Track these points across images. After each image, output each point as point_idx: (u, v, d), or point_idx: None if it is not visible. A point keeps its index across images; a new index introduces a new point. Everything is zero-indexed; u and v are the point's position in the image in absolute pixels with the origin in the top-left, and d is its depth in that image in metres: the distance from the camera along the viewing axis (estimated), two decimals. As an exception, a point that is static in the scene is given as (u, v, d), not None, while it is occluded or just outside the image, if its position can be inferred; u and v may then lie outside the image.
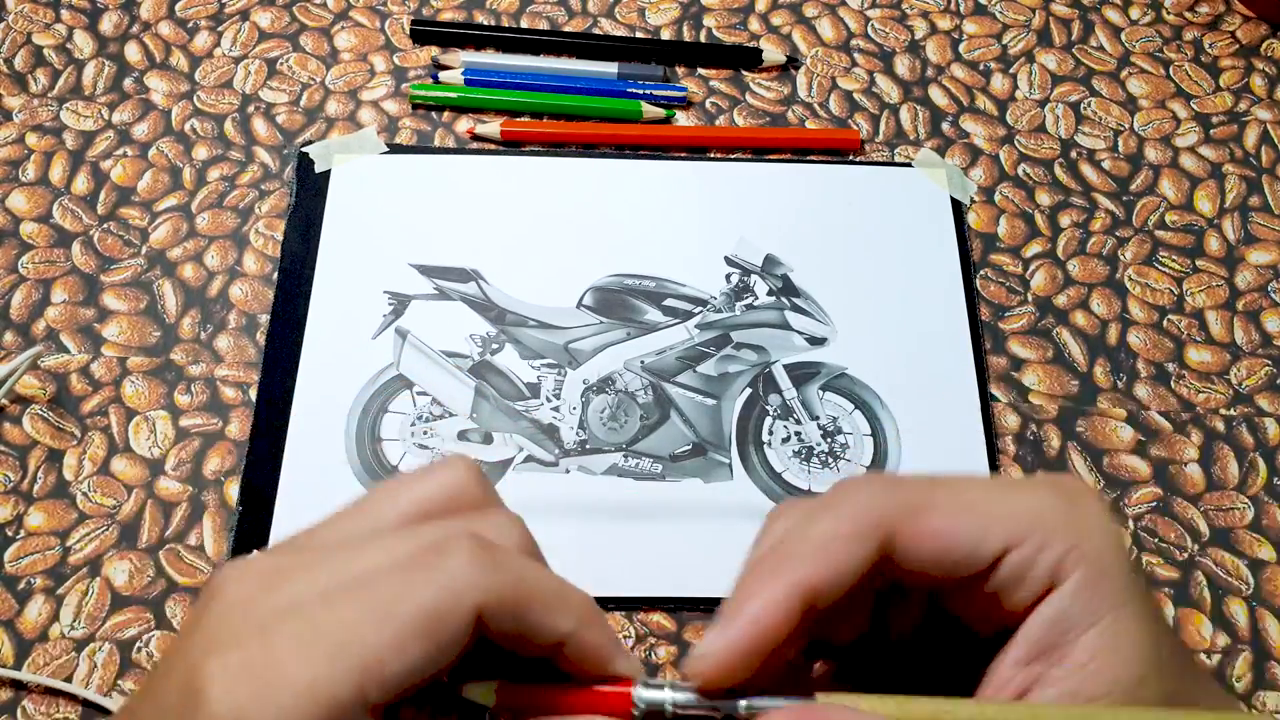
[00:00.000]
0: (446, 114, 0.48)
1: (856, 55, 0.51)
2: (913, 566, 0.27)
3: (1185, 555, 0.41)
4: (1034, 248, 0.47)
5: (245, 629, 0.25)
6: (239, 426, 0.41)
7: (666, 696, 0.25)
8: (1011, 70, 0.51)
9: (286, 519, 0.39)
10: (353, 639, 0.24)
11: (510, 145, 0.48)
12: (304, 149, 0.47)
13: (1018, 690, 0.27)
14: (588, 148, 0.48)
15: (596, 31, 0.50)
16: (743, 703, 0.25)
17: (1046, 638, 0.27)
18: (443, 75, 0.49)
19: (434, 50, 0.50)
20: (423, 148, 0.47)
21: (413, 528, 0.27)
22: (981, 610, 0.28)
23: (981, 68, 0.51)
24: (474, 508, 0.29)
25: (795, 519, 0.28)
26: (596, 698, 0.26)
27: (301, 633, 0.25)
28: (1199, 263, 0.46)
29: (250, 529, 0.39)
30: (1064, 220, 0.47)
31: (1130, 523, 0.41)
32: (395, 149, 0.47)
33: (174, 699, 0.25)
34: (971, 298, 0.45)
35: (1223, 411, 0.43)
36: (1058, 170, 0.48)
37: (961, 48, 0.51)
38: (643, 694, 0.25)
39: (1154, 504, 0.42)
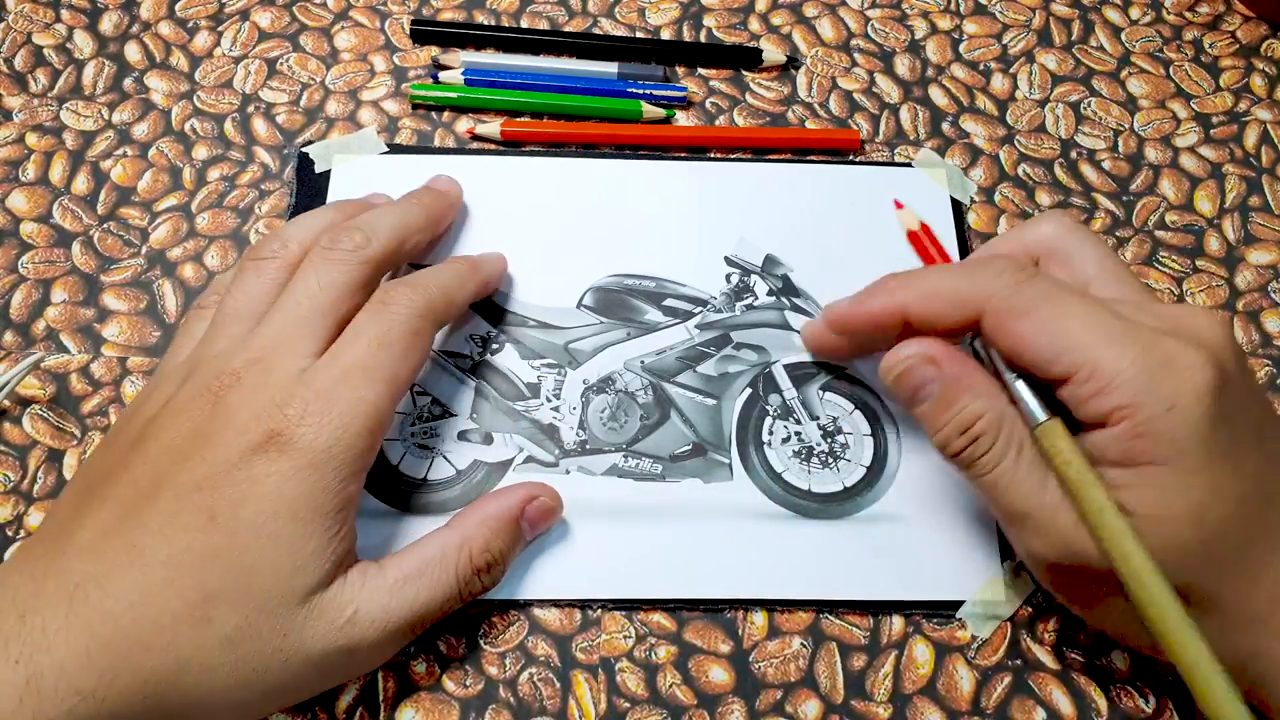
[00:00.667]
0: (446, 114, 0.48)
1: (856, 55, 0.51)
2: (991, 345, 0.34)
3: (1185, 555, 0.41)
4: (1034, 248, 0.47)
5: (295, 382, 0.35)
6: (239, 426, 0.41)
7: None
8: (1011, 70, 0.51)
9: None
10: (375, 365, 0.35)
11: (510, 145, 0.48)
12: (304, 149, 0.47)
13: None
14: (588, 148, 0.48)
15: (596, 31, 0.51)
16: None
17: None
18: (443, 75, 0.49)
19: (434, 50, 0.50)
20: (423, 148, 0.47)
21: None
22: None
23: (981, 68, 0.51)
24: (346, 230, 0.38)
25: (933, 271, 0.37)
26: None
27: (345, 374, 0.35)
28: (1199, 263, 0.46)
29: (250, 529, 0.39)
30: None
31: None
32: (395, 149, 0.47)
33: (246, 441, 0.33)
34: (971, 298, 0.45)
35: (1223, 411, 0.43)
36: (1058, 170, 0.48)
37: (961, 48, 0.51)
38: None
39: (1154, 504, 0.42)
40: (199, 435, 0.33)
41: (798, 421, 0.42)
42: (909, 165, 0.48)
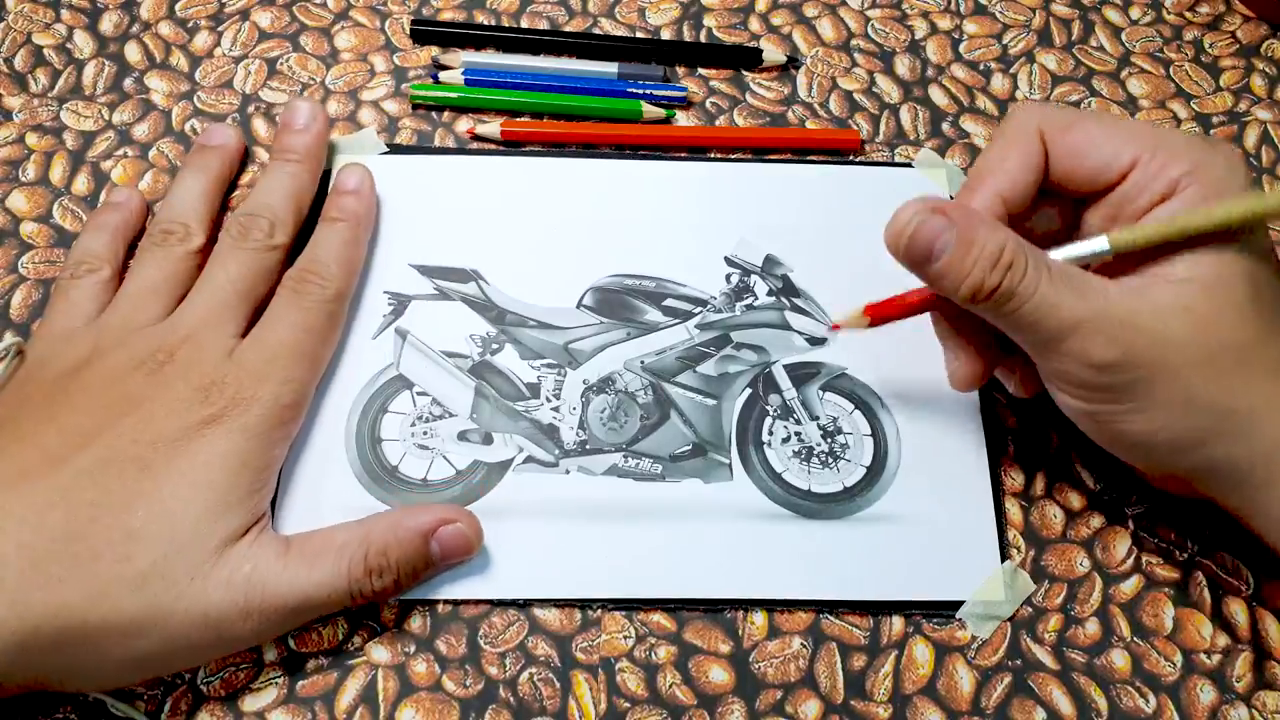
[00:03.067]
0: (446, 114, 0.48)
1: (856, 55, 0.51)
2: (1059, 170, 0.35)
3: (1185, 555, 0.41)
4: (1034, 248, 0.47)
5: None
6: (239, 426, 0.41)
7: None
8: (1012, 70, 0.51)
9: (286, 519, 0.39)
10: (311, 349, 0.40)
11: (510, 145, 0.48)
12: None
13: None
14: (588, 148, 0.48)
15: (596, 31, 0.50)
16: None
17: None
18: (443, 75, 0.49)
19: (434, 50, 0.50)
20: (423, 148, 0.47)
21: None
22: (1111, 218, 0.35)
23: (981, 68, 0.51)
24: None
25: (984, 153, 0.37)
26: None
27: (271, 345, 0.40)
28: (1199, 263, 0.46)
29: (250, 529, 0.39)
30: None
31: (1131, 523, 0.41)
32: (395, 149, 0.47)
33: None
34: (971, 298, 0.45)
35: (1223, 411, 0.43)
36: (1058, 170, 0.48)
37: (962, 48, 0.51)
38: None
39: (1154, 504, 0.42)
40: (134, 399, 0.36)
41: (798, 421, 0.42)
42: (909, 165, 0.48)
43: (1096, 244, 0.34)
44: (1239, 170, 0.34)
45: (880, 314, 0.39)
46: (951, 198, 0.46)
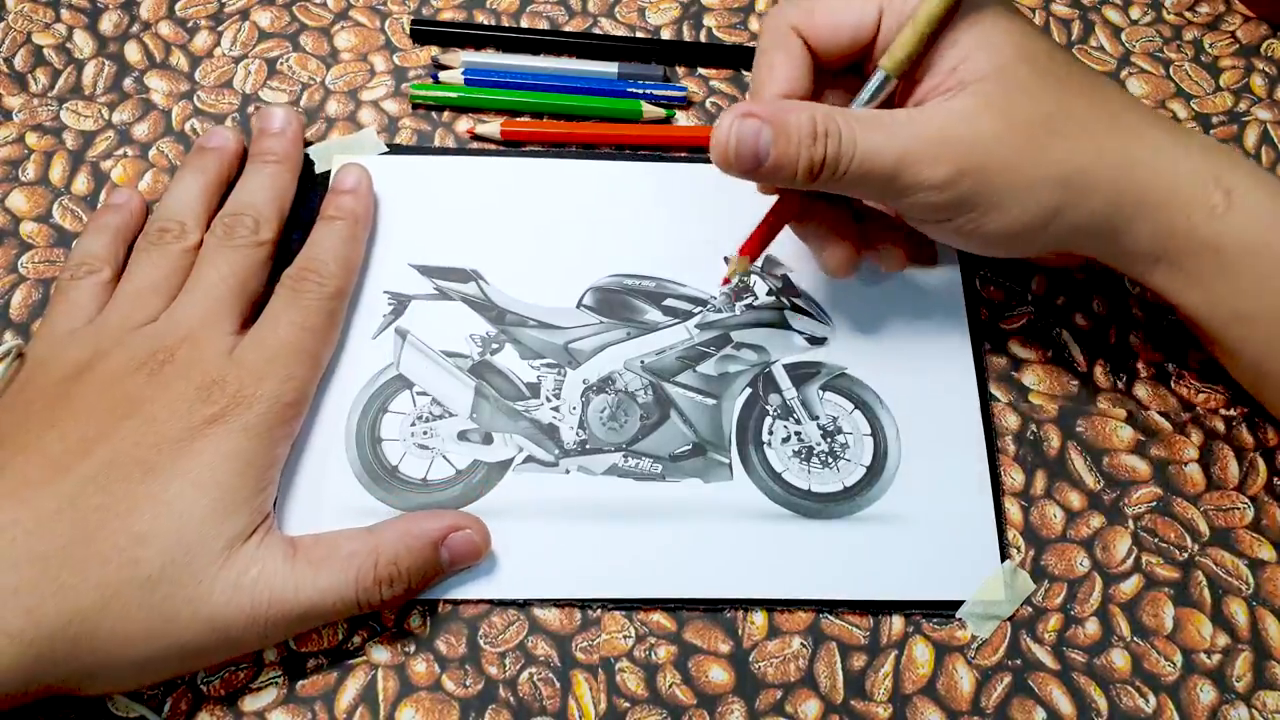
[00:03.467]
0: (446, 114, 0.48)
1: (856, 55, 0.51)
2: (823, 51, 0.38)
3: (1185, 555, 0.41)
4: (1034, 248, 0.47)
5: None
6: (239, 426, 0.41)
7: None
8: (1011, 70, 0.51)
9: (286, 520, 0.39)
10: (307, 347, 0.40)
11: (510, 145, 0.48)
12: (304, 149, 0.47)
13: (916, 102, 0.37)
14: (588, 148, 0.48)
15: (596, 31, 0.50)
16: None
17: (922, 56, 0.36)
18: (443, 75, 0.49)
19: (434, 50, 0.50)
20: (423, 148, 0.47)
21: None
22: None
23: (981, 68, 0.51)
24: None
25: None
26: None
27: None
28: (1199, 263, 0.46)
29: (250, 529, 0.39)
30: None
31: (1131, 522, 0.41)
32: (395, 149, 0.47)
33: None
34: (971, 298, 0.45)
35: (1222, 411, 0.43)
36: (1058, 170, 0.48)
37: (961, 48, 0.51)
38: None
39: (1154, 504, 0.42)
40: (135, 401, 0.36)
41: (798, 421, 0.42)
42: (909, 165, 0.48)
43: (876, 79, 0.36)
44: None
45: (753, 247, 0.39)
46: None
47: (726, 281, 0.40)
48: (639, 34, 0.51)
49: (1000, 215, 0.36)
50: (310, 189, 0.46)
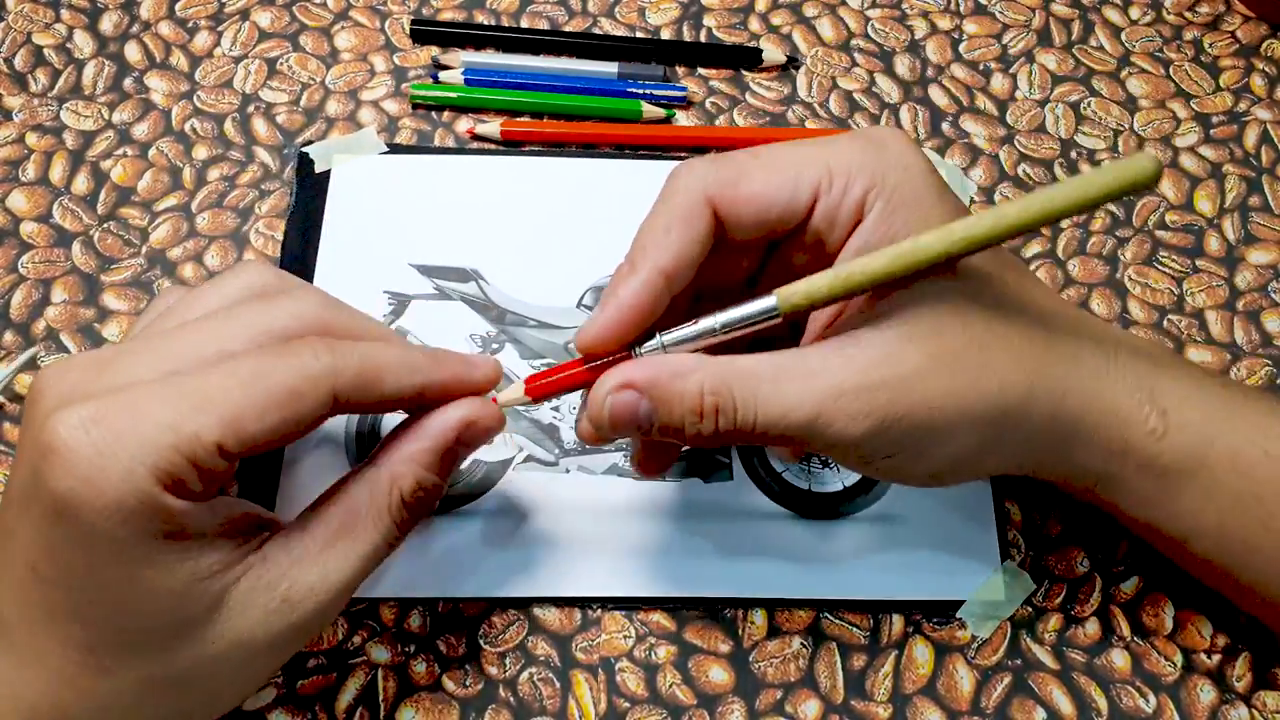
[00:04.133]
0: (446, 114, 0.48)
1: (856, 55, 0.51)
2: (740, 230, 0.32)
3: (1185, 555, 0.41)
4: (1034, 247, 0.47)
5: (92, 391, 0.28)
6: (239, 426, 0.41)
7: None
8: (1011, 70, 0.51)
9: (286, 520, 0.39)
10: (217, 397, 0.28)
11: (510, 145, 0.48)
12: (304, 149, 0.47)
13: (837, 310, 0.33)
14: (588, 148, 0.48)
15: (596, 31, 0.50)
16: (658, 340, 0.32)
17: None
18: (443, 75, 0.49)
19: (434, 50, 0.50)
20: (423, 148, 0.47)
21: (241, 317, 0.30)
22: (812, 259, 0.33)
23: (981, 68, 0.51)
24: (278, 293, 0.32)
25: (651, 209, 0.33)
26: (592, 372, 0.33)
27: (163, 389, 0.28)
28: (1199, 263, 0.46)
29: (250, 529, 0.39)
30: (1064, 220, 0.47)
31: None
32: (395, 149, 0.47)
33: (25, 472, 0.28)
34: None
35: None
36: (1058, 170, 0.48)
37: (961, 48, 0.51)
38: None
39: (1154, 504, 0.42)
40: None
41: (798, 421, 0.42)
42: (909, 165, 0.48)
43: (764, 304, 0.31)
44: (914, 166, 0.32)
45: (541, 391, 0.33)
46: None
47: (494, 401, 0.33)
48: (639, 34, 0.51)
49: (924, 461, 0.32)
50: (311, 189, 0.46)
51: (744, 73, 0.50)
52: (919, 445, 0.31)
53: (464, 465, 0.41)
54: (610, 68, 0.49)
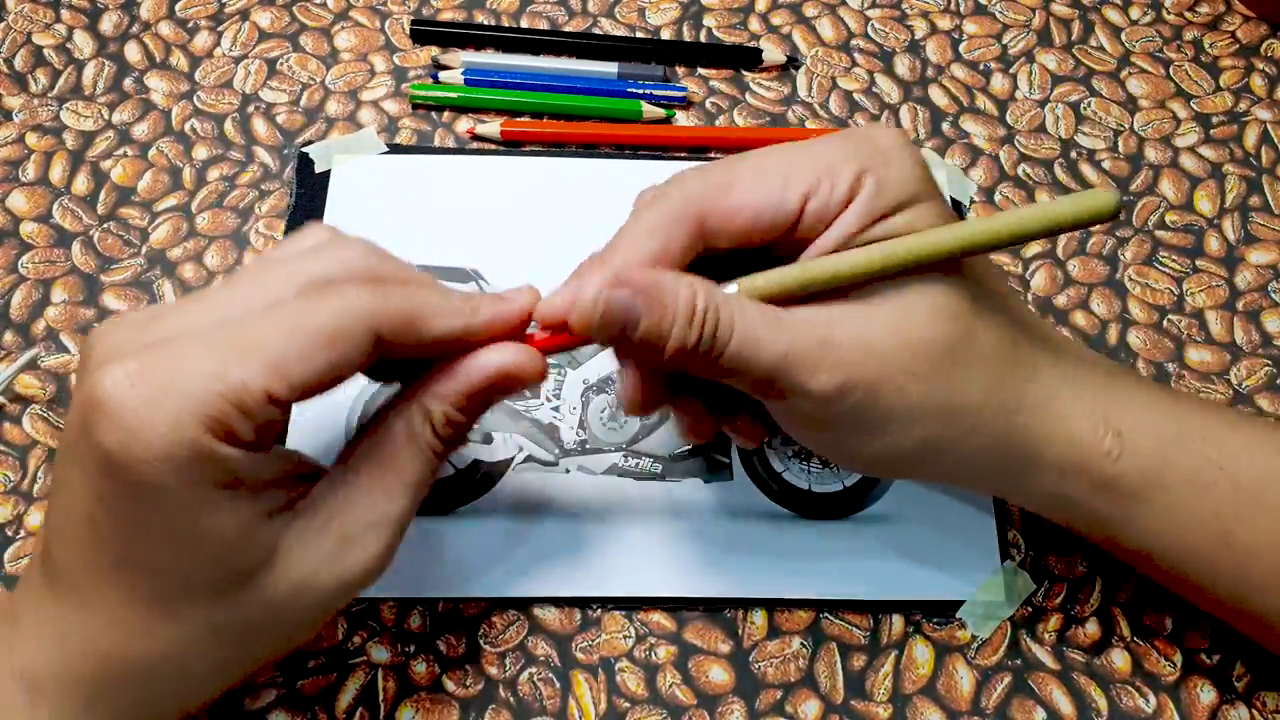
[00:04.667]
0: (446, 114, 0.48)
1: (856, 55, 0.51)
2: (728, 241, 0.32)
3: (1185, 555, 0.41)
4: (1034, 248, 0.47)
5: (138, 347, 0.28)
6: (239, 426, 0.41)
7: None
8: (1011, 70, 0.51)
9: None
10: (262, 344, 0.28)
11: (510, 145, 0.48)
12: (304, 149, 0.47)
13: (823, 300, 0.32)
14: (588, 148, 0.48)
15: (596, 31, 0.50)
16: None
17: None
18: (443, 75, 0.49)
19: (434, 50, 0.50)
20: (423, 148, 0.47)
21: (287, 269, 0.31)
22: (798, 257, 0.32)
23: (981, 68, 0.51)
24: (326, 244, 0.32)
25: (632, 214, 0.33)
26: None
27: (208, 339, 0.28)
28: (1199, 263, 0.46)
29: (250, 529, 0.39)
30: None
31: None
32: (395, 149, 0.47)
33: (76, 428, 0.28)
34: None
35: (1223, 411, 0.43)
36: (1058, 170, 0.48)
37: (961, 48, 0.51)
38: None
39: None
40: None
41: (798, 421, 0.42)
42: (909, 165, 0.48)
43: (726, 290, 0.31)
44: (901, 150, 0.32)
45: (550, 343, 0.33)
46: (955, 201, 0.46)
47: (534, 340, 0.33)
48: (639, 34, 0.51)
49: (876, 440, 0.32)
50: (310, 189, 0.46)
51: (744, 73, 0.50)
52: (873, 421, 0.31)
53: (463, 466, 0.41)
54: (610, 68, 0.49)
